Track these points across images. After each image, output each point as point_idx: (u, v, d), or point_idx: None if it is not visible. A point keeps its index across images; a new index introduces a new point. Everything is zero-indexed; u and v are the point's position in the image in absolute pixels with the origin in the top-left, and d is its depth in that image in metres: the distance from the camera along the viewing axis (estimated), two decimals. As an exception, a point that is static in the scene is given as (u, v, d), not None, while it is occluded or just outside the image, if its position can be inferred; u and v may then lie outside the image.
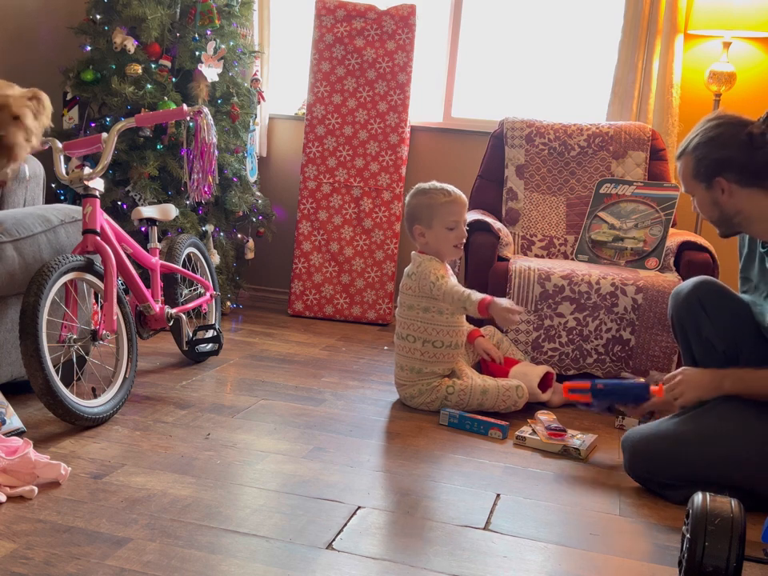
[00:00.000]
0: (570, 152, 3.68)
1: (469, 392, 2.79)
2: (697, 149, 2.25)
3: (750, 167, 2.20)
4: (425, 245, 2.88)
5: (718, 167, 2.22)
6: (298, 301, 4.16)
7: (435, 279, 2.76)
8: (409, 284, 2.87)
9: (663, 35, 3.85)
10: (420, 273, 2.82)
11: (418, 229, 2.86)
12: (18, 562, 1.66)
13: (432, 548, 1.87)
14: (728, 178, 2.22)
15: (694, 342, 2.44)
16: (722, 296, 2.41)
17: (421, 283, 2.81)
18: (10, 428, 2.24)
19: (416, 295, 2.84)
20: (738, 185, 2.22)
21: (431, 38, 4.28)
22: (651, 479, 2.26)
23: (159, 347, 3.34)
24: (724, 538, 1.62)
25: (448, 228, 2.83)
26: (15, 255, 2.44)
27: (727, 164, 2.21)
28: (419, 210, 2.86)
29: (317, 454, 2.37)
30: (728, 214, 2.27)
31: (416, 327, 2.84)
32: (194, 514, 1.93)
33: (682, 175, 2.31)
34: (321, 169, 4.14)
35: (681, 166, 2.31)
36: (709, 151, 2.23)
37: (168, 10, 3.60)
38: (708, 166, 2.23)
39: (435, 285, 2.76)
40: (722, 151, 2.21)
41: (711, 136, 2.23)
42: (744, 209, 2.24)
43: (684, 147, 2.30)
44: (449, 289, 2.73)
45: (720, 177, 2.22)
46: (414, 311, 2.85)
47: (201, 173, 2.86)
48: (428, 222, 2.84)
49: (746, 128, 2.20)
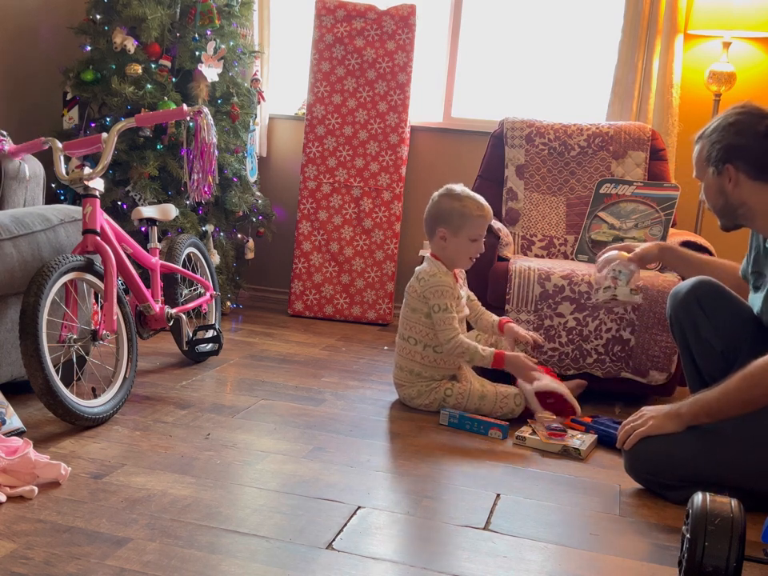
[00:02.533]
0: (570, 152, 3.68)
1: (467, 396, 2.79)
2: (714, 132, 2.25)
3: (761, 159, 2.20)
4: (442, 248, 2.83)
5: (730, 153, 2.22)
6: (298, 301, 4.16)
7: (443, 308, 2.75)
8: (416, 287, 2.83)
9: (663, 35, 3.85)
10: (430, 282, 2.78)
11: (442, 232, 2.81)
12: (17, 562, 1.66)
13: (432, 548, 1.87)
14: (737, 166, 2.21)
15: (693, 342, 2.44)
16: (720, 296, 2.40)
17: (426, 291, 2.78)
18: (10, 428, 2.24)
19: (418, 299, 2.82)
20: (746, 175, 2.21)
21: (431, 38, 4.28)
22: (651, 480, 2.26)
23: (159, 347, 3.34)
24: (724, 537, 1.61)
25: (471, 240, 2.81)
26: (14, 252, 2.44)
27: (739, 152, 2.21)
28: (449, 214, 2.80)
29: (317, 454, 2.37)
30: (733, 205, 2.26)
31: (418, 330, 2.83)
32: (194, 514, 1.93)
33: (696, 158, 2.31)
34: (321, 169, 4.15)
35: (696, 150, 2.32)
36: (724, 136, 2.23)
37: (168, 9, 3.60)
38: (720, 150, 2.22)
39: (439, 315, 2.75)
40: (738, 138, 2.21)
41: (731, 122, 2.23)
42: (749, 201, 2.23)
43: (703, 131, 2.30)
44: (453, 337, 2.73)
45: (730, 164, 2.22)
46: (417, 314, 2.83)
47: (201, 173, 2.86)
48: (455, 229, 2.79)
49: (767, 120, 2.20)
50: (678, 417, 2.19)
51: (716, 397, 2.12)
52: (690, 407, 2.17)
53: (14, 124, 3.65)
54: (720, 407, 2.11)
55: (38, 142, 2.71)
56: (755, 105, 2.27)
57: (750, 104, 2.27)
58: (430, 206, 2.88)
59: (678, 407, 2.20)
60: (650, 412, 2.25)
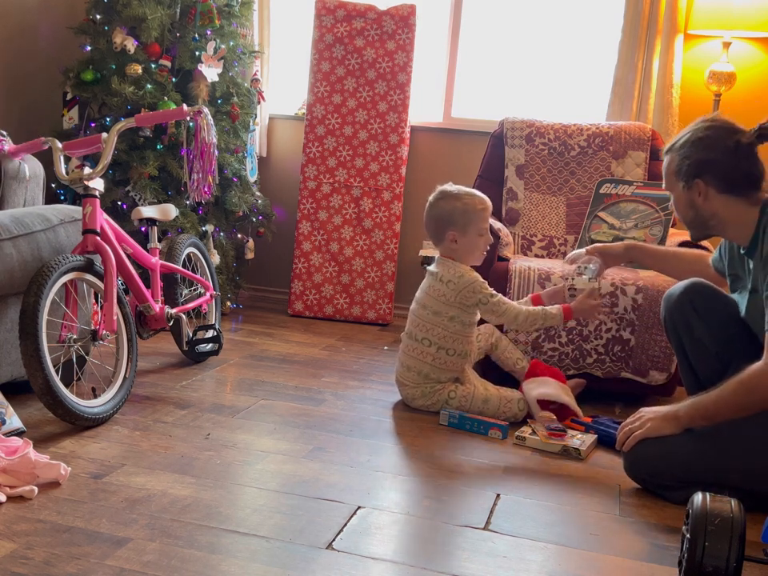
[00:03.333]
0: (570, 152, 3.68)
1: (470, 399, 2.79)
2: (683, 147, 2.25)
3: (729, 174, 2.20)
4: (453, 250, 2.82)
5: (699, 169, 2.22)
6: (298, 301, 4.16)
7: (489, 296, 2.74)
8: (442, 290, 2.78)
9: (663, 35, 3.85)
10: (462, 284, 2.75)
11: (452, 234, 2.79)
12: (18, 562, 1.66)
13: (432, 548, 1.87)
14: (707, 181, 2.22)
15: (687, 343, 2.44)
16: (713, 297, 2.41)
17: (462, 294, 2.74)
18: (10, 428, 2.24)
19: (447, 303, 2.77)
20: (715, 190, 2.22)
21: (431, 38, 4.27)
22: (650, 481, 2.26)
23: (159, 347, 3.34)
24: (724, 537, 1.62)
25: (479, 234, 2.82)
26: (14, 252, 2.44)
27: (709, 167, 2.21)
28: (454, 215, 2.79)
29: (317, 454, 2.37)
30: (703, 217, 2.27)
31: (436, 333, 2.79)
32: (194, 514, 1.93)
33: (666, 171, 2.32)
34: (321, 169, 4.15)
35: (666, 162, 2.32)
36: (694, 151, 2.23)
37: (168, 9, 3.60)
38: (690, 165, 2.23)
39: (492, 302, 2.73)
40: (707, 153, 2.21)
41: (700, 137, 2.23)
42: (719, 213, 2.24)
43: (672, 144, 2.30)
44: (518, 312, 2.73)
45: (699, 179, 2.22)
46: (439, 318, 2.78)
47: (201, 173, 2.86)
48: (463, 228, 2.79)
49: (736, 135, 2.20)
50: (676, 419, 2.20)
51: (713, 400, 2.14)
52: (687, 410, 2.18)
53: (14, 124, 3.65)
54: (717, 411, 2.14)
55: (38, 142, 2.71)
56: (724, 119, 2.27)
57: (720, 118, 2.28)
58: (428, 210, 2.86)
59: (675, 409, 2.21)
60: (648, 414, 2.25)
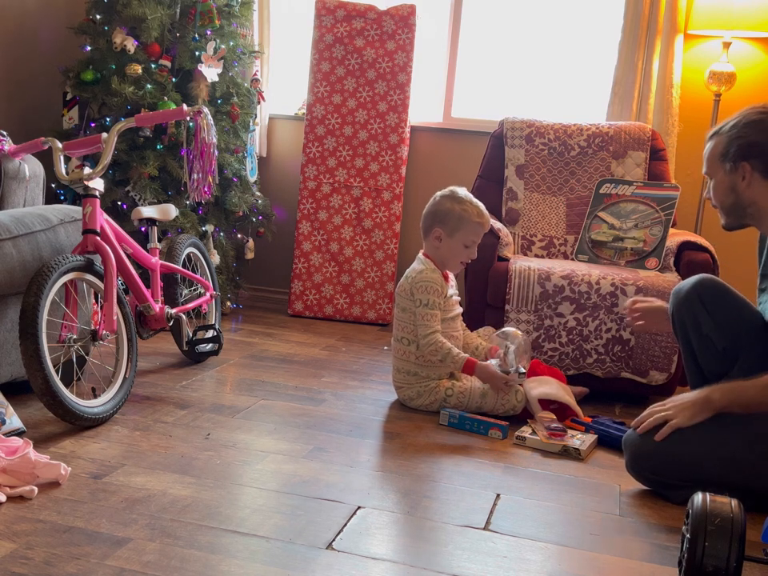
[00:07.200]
0: (570, 152, 3.68)
1: (468, 394, 2.79)
2: (734, 128, 2.25)
3: None
4: (435, 249, 2.84)
5: (748, 151, 2.22)
6: (298, 301, 4.16)
7: (427, 304, 2.75)
8: (405, 286, 2.84)
9: (663, 35, 3.85)
10: (417, 279, 2.79)
11: (438, 232, 2.81)
12: (17, 562, 1.66)
13: (432, 548, 1.87)
14: (754, 165, 2.22)
15: (695, 339, 2.44)
16: (722, 294, 2.40)
17: (414, 288, 2.79)
18: (10, 428, 2.24)
19: (408, 298, 2.82)
20: (760, 175, 2.22)
21: (431, 38, 4.28)
22: (652, 479, 2.26)
23: (159, 347, 3.34)
24: (724, 537, 1.61)
25: (465, 245, 2.82)
26: (14, 252, 2.44)
27: (758, 150, 2.21)
28: (448, 215, 2.80)
29: (317, 454, 2.37)
30: (743, 204, 2.27)
31: (409, 330, 2.82)
32: (194, 514, 1.93)
33: (709, 155, 2.32)
34: (321, 169, 4.15)
35: (710, 146, 2.32)
36: (746, 133, 2.23)
37: (168, 9, 3.60)
38: (740, 146, 2.23)
39: (424, 311, 2.75)
40: (758, 136, 2.22)
41: (754, 120, 2.24)
42: (759, 201, 2.24)
43: (719, 128, 2.31)
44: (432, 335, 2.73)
45: (747, 162, 2.22)
46: (407, 314, 2.83)
47: (201, 173, 2.86)
48: (451, 230, 2.80)
49: None
50: (709, 403, 2.17)
51: (751, 386, 2.12)
52: (723, 394, 2.16)
53: (14, 124, 3.65)
54: (755, 398, 2.12)
55: (38, 142, 2.70)
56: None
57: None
58: (430, 204, 2.88)
59: (705, 395, 2.19)
60: (677, 401, 2.23)
